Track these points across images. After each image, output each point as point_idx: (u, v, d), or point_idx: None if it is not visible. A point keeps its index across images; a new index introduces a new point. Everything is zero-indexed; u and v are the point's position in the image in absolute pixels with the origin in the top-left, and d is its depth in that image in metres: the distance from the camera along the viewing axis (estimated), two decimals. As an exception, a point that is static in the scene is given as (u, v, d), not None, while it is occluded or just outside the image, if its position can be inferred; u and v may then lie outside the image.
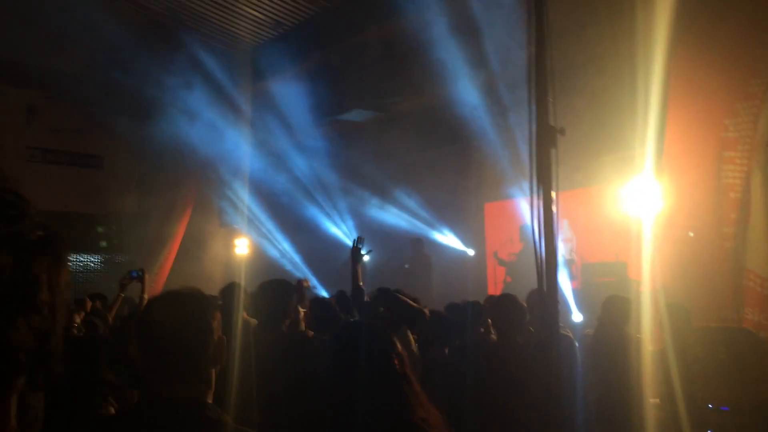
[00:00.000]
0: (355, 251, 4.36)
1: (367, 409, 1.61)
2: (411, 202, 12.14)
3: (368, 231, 12.50)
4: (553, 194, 2.21)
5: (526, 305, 4.03)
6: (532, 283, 4.82)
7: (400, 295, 4.06)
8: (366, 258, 12.20)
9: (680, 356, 4.18)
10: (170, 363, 1.53)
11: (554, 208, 2.21)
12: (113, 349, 3.23)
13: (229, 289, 3.68)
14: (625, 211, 7.52)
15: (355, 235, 4.74)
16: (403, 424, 1.65)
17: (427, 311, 4.28)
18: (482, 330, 4.51)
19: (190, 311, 1.58)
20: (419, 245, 11.30)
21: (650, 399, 4.18)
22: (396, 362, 1.74)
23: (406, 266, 11.15)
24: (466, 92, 9.17)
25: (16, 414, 0.67)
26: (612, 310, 4.88)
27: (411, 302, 4.01)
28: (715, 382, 4.32)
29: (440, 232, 12.14)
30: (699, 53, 6.55)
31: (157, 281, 12.07)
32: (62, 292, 0.74)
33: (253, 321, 3.50)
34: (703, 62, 6.51)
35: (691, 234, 6.61)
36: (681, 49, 6.59)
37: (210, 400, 1.55)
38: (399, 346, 1.80)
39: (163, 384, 1.52)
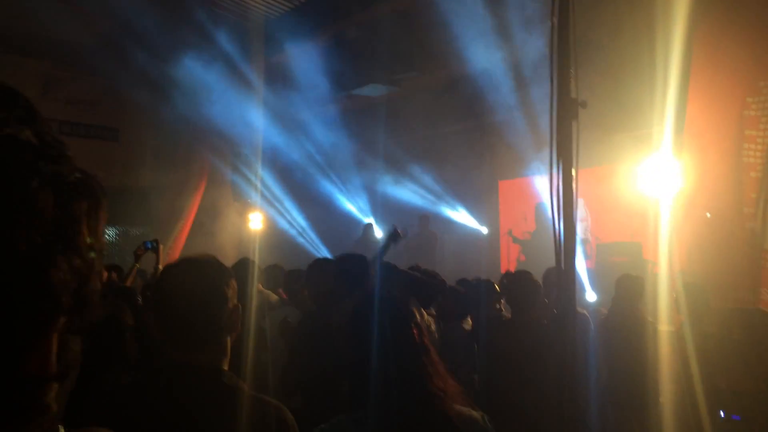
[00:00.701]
0: (388, 243, 4.25)
1: (385, 378, 1.62)
2: (425, 179, 12.09)
3: (382, 206, 12.52)
4: (573, 170, 2.17)
5: (541, 283, 4.02)
6: (547, 261, 4.80)
7: (414, 272, 4.02)
8: (379, 235, 12.27)
9: (697, 336, 4.15)
10: (186, 329, 1.53)
11: (574, 183, 2.17)
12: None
13: (242, 264, 3.67)
14: (641, 191, 7.44)
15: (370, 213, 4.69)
16: (421, 393, 1.65)
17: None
18: (497, 306, 4.51)
19: (206, 278, 1.57)
20: (425, 221, 11.29)
21: (665, 379, 4.17)
22: (415, 331, 1.75)
23: (409, 241, 11.14)
24: (483, 67, 9.06)
25: (56, 354, 0.67)
26: (626, 289, 4.86)
27: (421, 277, 3.96)
28: (732, 362, 4.29)
29: (454, 209, 12.09)
30: (721, 29, 6.41)
31: (171, 254, 12.15)
32: (101, 237, 0.73)
33: (268, 293, 3.50)
34: (725, 39, 6.37)
35: (708, 215, 6.53)
36: (703, 26, 6.46)
37: (226, 368, 1.55)
38: (418, 316, 1.80)
39: (180, 350, 1.53)
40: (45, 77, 13.12)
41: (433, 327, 3.56)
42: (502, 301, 4.68)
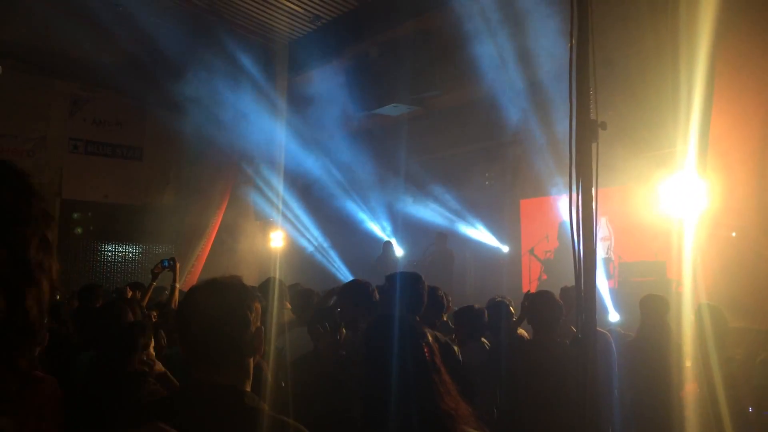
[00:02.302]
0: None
1: (398, 396, 1.63)
2: (445, 197, 12.07)
3: (402, 225, 12.53)
4: (593, 190, 2.16)
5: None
6: (569, 281, 4.74)
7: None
8: (400, 253, 12.27)
9: (721, 359, 4.08)
10: (209, 351, 1.55)
11: (594, 205, 2.16)
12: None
13: (266, 284, 3.70)
14: (664, 210, 7.36)
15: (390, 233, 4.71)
16: (431, 412, 1.65)
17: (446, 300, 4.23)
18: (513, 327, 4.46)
19: (230, 300, 1.59)
20: (443, 240, 11.25)
21: (690, 403, 4.09)
22: (426, 351, 1.75)
23: (427, 260, 11.11)
24: (505, 88, 9.07)
25: None
26: (653, 310, 4.78)
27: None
28: (757, 384, 4.20)
29: (474, 228, 12.05)
30: (746, 47, 6.37)
31: (193, 272, 12.26)
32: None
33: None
34: (750, 57, 6.33)
35: (734, 234, 6.45)
36: (727, 44, 6.42)
37: (248, 389, 1.56)
38: (430, 336, 1.81)
39: (202, 371, 1.54)
40: (73, 97, 13.41)
41: (457, 350, 3.53)
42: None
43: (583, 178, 2.14)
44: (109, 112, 13.83)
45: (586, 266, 2.14)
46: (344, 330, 3.02)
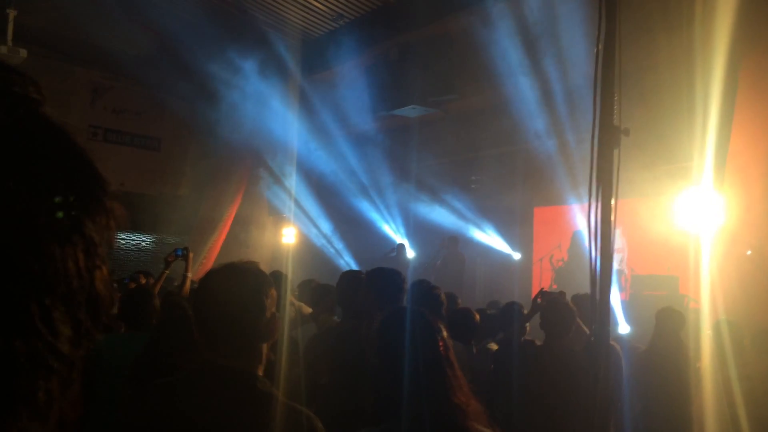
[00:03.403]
0: None
1: (410, 388, 1.64)
2: (459, 201, 12.06)
3: (415, 227, 12.53)
4: (613, 199, 2.15)
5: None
6: (580, 290, 4.71)
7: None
8: (411, 255, 12.27)
9: (742, 375, 4.04)
10: (223, 334, 1.56)
11: (613, 213, 2.15)
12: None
13: (275, 276, 3.69)
14: (679, 224, 7.31)
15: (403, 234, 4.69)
16: (444, 404, 1.66)
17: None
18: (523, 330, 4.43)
19: (246, 286, 1.60)
20: (454, 243, 11.23)
21: (710, 422, 4.05)
22: (441, 344, 1.76)
23: (438, 263, 11.11)
24: (524, 94, 9.05)
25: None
26: (669, 323, 4.75)
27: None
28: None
29: (486, 233, 12.03)
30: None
31: (205, 264, 12.32)
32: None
33: (300, 304, 3.52)
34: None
35: (749, 252, 6.39)
36: (750, 58, 6.37)
37: (261, 373, 1.58)
38: (444, 332, 1.81)
39: (216, 354, 1.56)
40: (94, 85, 13.53)
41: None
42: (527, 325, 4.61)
43: (604, 183, 2.13)
44: (129, 102, 13.94)
45: (602, 277, 2.13)
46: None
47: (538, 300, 4.22)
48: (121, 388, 2.65)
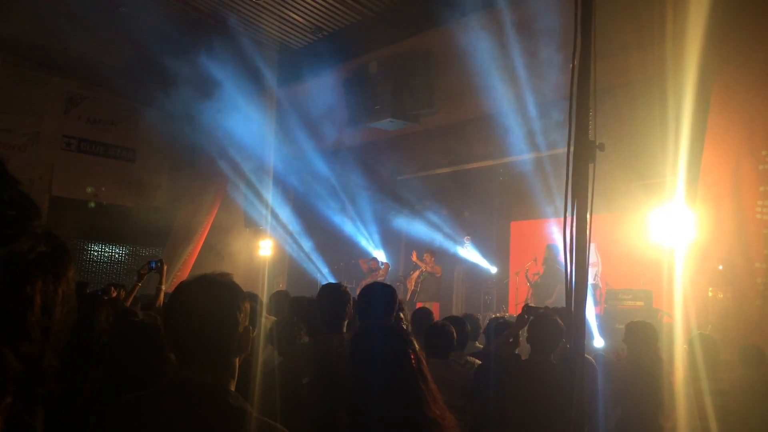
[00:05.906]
0: None
1: (383, 402, 1.62)
2: (436, 215, 12.10)
3: (391, 240, 12.52)
4: (588, 213, 2.16)
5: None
6: (551, 303, 4.70)
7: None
8: (387, 269, 12.25)
9: (714, 389, 4.08)
10: (194, 348, 1.53)
11: (588, 227, 2.16)
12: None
13: (251, 297, 3.66)
14: (653, 239, 7.40)
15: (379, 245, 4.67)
16: (417, 417, 1.65)
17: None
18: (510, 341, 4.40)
19: (221, 300, 1.57)
20: (431, 256, 11.24)
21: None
22: (412, 358, 1.75)
23: (414, 276, 11.09)
24: (500, 108, 9.12)
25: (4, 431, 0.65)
26: (642, 335, 4.78)
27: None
28: (748, 416, 4.19)
29: (463, 247, 12.07)
30: (739, 80, 6.45)
31: (179, 276, 12.17)
32: (59, 309, 0.70)
33: (272, 319, 3.49)
34: (743, 90, 6.40)
35: (721, 267, 6.48)
36: (721, 76, 6.49)
37: (233, 388, 1.54)
38: (416, 345, 1.81)
39: (187, 368, 1.52)
40: (68, 94, 13.36)
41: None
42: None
43: (579, 198, 2.15)
44: (104, 112, 13.79)
45: (577, 291, 2.14)
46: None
47: (525, 317, 4.18)
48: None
